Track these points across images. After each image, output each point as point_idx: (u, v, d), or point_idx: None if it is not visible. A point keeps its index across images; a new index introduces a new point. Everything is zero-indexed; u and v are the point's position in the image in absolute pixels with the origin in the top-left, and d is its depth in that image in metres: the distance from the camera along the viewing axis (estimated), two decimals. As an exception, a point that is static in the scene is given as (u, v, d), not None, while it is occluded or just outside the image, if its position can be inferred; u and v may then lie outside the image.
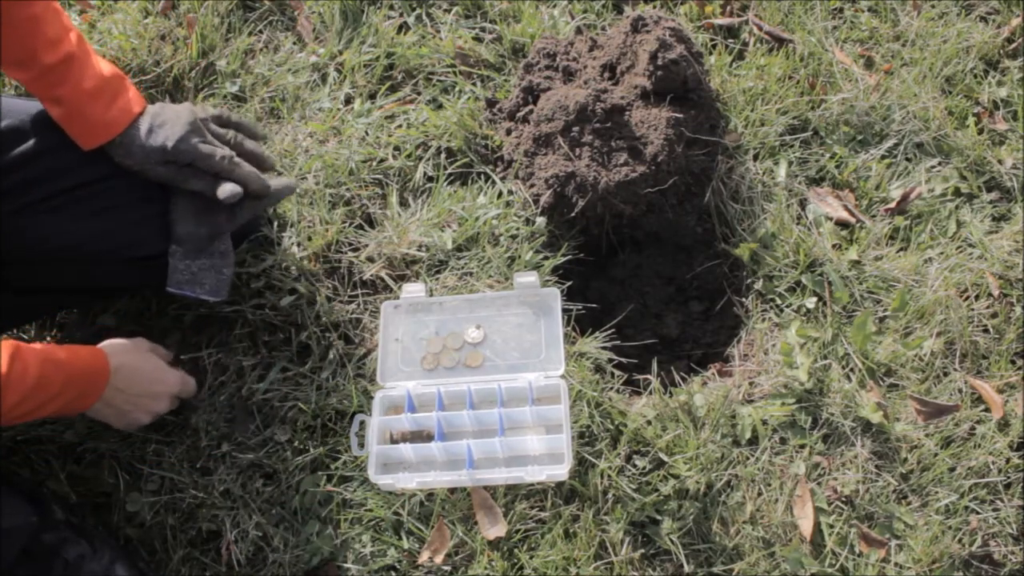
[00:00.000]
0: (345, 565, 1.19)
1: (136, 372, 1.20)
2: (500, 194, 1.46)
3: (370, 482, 1.21)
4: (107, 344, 1.20)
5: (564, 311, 1.32)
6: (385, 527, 1.21)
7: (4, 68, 1.13)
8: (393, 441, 1.27)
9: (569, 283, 1.41)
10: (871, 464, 1.24)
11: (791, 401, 1.28)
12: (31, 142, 1.15)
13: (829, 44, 1.64)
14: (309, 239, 1.41)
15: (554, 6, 1.69)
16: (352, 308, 1.38)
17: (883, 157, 1.52)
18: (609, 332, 1.36)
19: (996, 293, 1.38)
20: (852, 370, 1.31)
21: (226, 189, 1.19)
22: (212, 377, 1.32)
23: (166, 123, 1.18)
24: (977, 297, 1.38)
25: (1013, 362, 1.34)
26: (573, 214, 1.41)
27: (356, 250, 1.42)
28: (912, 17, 1.70)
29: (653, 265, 1.56)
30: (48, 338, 1.40)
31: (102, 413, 1.20)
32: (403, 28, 1.68)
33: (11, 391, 1.00)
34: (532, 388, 1.24)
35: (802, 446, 1.26)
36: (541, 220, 1.43)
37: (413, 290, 1.34)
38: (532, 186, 1.44)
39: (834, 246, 1.42)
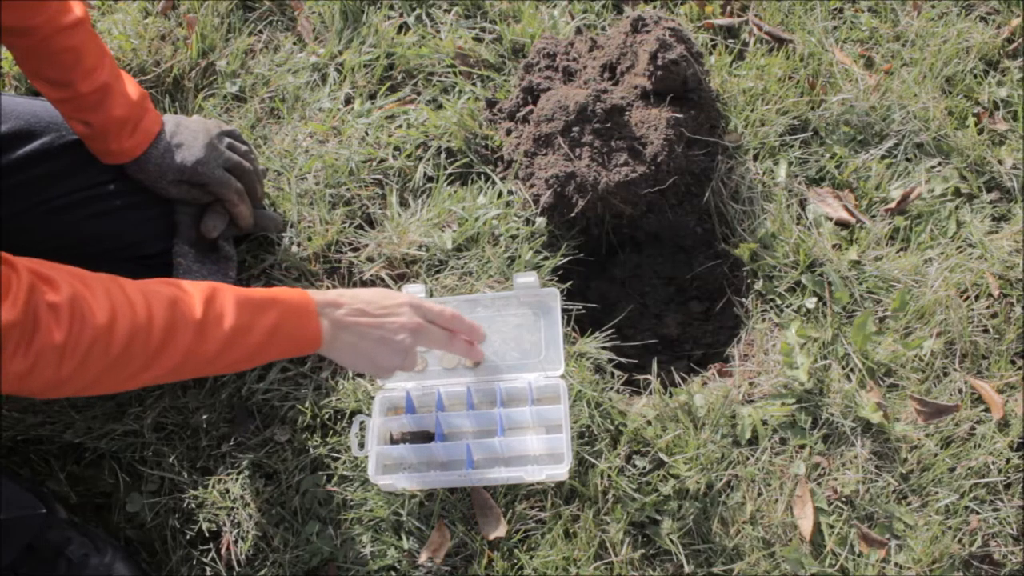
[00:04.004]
0: (345, 565, 1.19)
1: (353, 290, 1.10)
2: (500, 194, 1.46)
3: (370, 482, 1.21)
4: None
5: (564, 311, 1.32)
6: (385, 527, 1.21)
7: (34, 83, 1.13)
8: (393, 441, 1.27)
9: (569, 283, 1.41)
10: (871, 464, 1.24)
11: (791, 401, 1.28)
12: (36, 143, 1.15)
13: (829, 44, 1.64)
14: (309, 239, 1.41)
15: (554, 6, 1.69)
16: (352, 308, 1.38)
17: (883, 157, 1.52)
18: (609, 332, 1.36)
19: (996, 293, 1.38)
20: (852, 370, 1.31)
21: (208, 224, 1.24)
22: (212, 377, 1.32)
23: (183, 144, 1.19)
24: (977, 297, 1.38)
25: (1013, 362, 1.34)
26: (573, 214, 1.41)
27: (356, 250, 1.42)
28: (912, 17, 1.70)
29: (653, 265, 1.56)
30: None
31: (356, 348, 1.06)
32: (403, 28, 1.68)
33: (211, 336, 0.92)
34: (532, 388, 1.24)
35: (802, 446, 1.26)
36: (541, 220, 1.43)
37: (413, 290, 1.34)
38: (532, 186, 1.44)
39: (834, 246, 1.42)
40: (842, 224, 1.46)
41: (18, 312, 0.77)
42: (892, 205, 1.47)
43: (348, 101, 1.59)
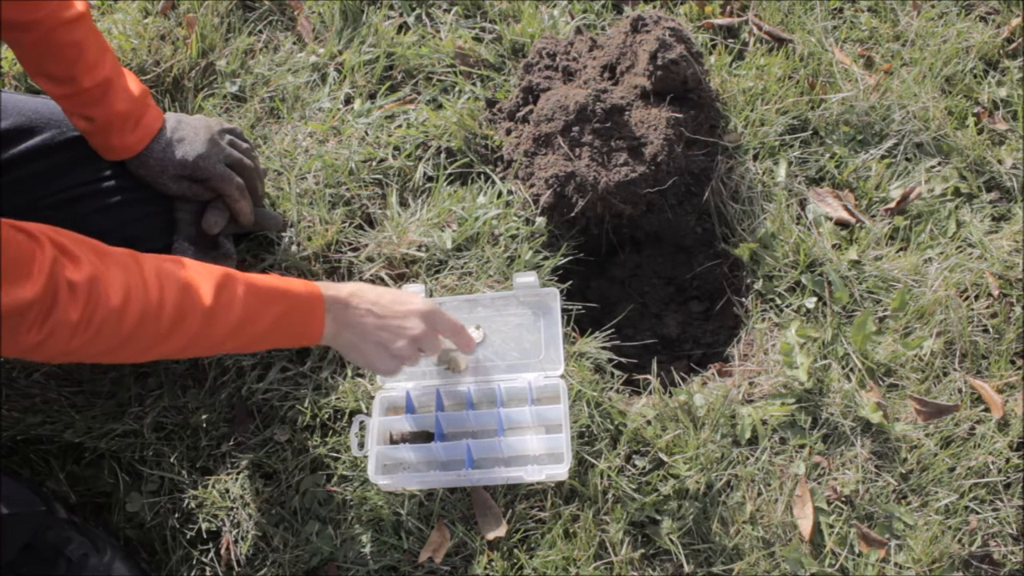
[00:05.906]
0: (345, 565, 1.19)
1: (371, 289, 1.10)
2: (500, 194, 1.46)
3: (370, 482, 1.21)
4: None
5: (564, 311, 1.32)
6: (385, 527, 1.21)
7: (36, 80, 1.14)
8: (393, 441, 1.27)
9: (569, 283, 1.41)
10: (871, 464, 1.24)
11: (791, 401, 1.28)
12: (36, 139, 1.15)
13: (829, 44, 1.64)
14: (309, 239, 1.41)
15: (554, 6, 1.69)
16: (352, 308, 1.38)
17: (883, 157, 1.52)
18: (609, 332, 1.36)
19: (996, 293, 1.38)
20: (852, 370, 1.31)
21: (210, 220, 1.23)
22: (212, 377, 1.32)
23: (185, 139, 1.20)
24: (977, 297, 1.38)
25: (1013, 362, 1.34)
26: (573, 214, 1.41)
27: (356, 250, 1.42)
28: (912, 17, 1.70)
29: (653, 265, 1.56)
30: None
31: (357, 347, 1.08)
32: (403, 28, 1.68)
33: (219, 323, 0.95)
34: (532, 388, 1.24)
35: (802, 446, 1.26)
36: (541, 220, 1.43)
37: (413, 291, 1.34)
38: (532, 186, 1.44)
39: (834, 246, 1.42)
40: (842, 224, 1.46)
41: (39, 289, 0.80)
42: (892, 205, 1.47)
43: (348, 101, 1.59)
